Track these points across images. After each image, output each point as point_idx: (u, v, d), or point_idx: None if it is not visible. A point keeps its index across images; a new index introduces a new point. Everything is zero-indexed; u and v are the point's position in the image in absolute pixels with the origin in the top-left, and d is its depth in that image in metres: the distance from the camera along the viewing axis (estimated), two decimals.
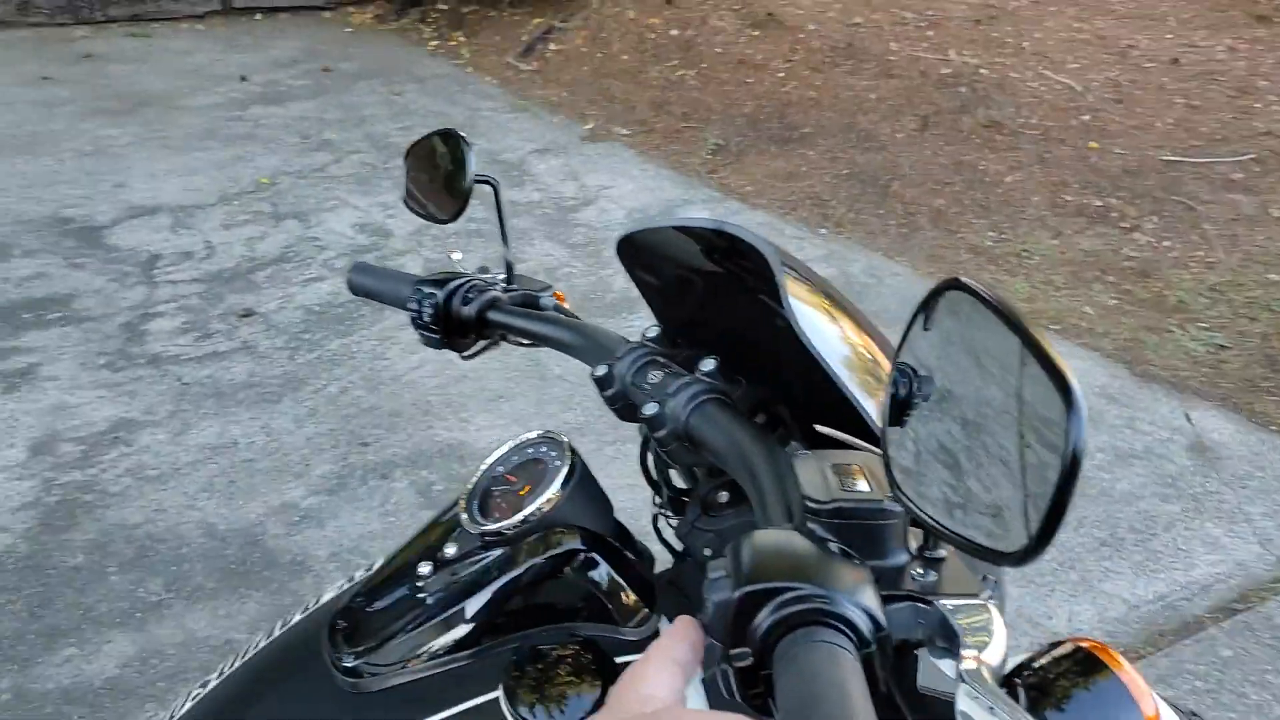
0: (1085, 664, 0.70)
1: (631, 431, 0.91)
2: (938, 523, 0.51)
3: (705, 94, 5.90)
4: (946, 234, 4.31)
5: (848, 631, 0.46)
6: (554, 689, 0.74)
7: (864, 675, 0.44)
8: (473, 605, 0.80)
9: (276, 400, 3.07)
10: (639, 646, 0.79)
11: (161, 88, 6.15)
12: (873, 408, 0.71)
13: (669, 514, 0.94)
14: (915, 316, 0.55)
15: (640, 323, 3.53)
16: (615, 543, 0.84)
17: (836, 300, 0.81)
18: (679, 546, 0.94)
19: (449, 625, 0.80)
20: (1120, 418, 3.05)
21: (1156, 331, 3.57)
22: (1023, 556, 0.46)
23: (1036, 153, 4.92)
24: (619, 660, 0.77)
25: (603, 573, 0.80)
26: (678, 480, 0.96)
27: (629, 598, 0.81)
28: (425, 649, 0.80)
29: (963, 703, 0.47)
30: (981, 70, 5.70)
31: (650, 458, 0.96)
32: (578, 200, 4.61)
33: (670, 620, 0.84)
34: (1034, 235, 4.27)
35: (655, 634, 0.81)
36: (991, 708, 0.46)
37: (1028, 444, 0.47)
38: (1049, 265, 4.05)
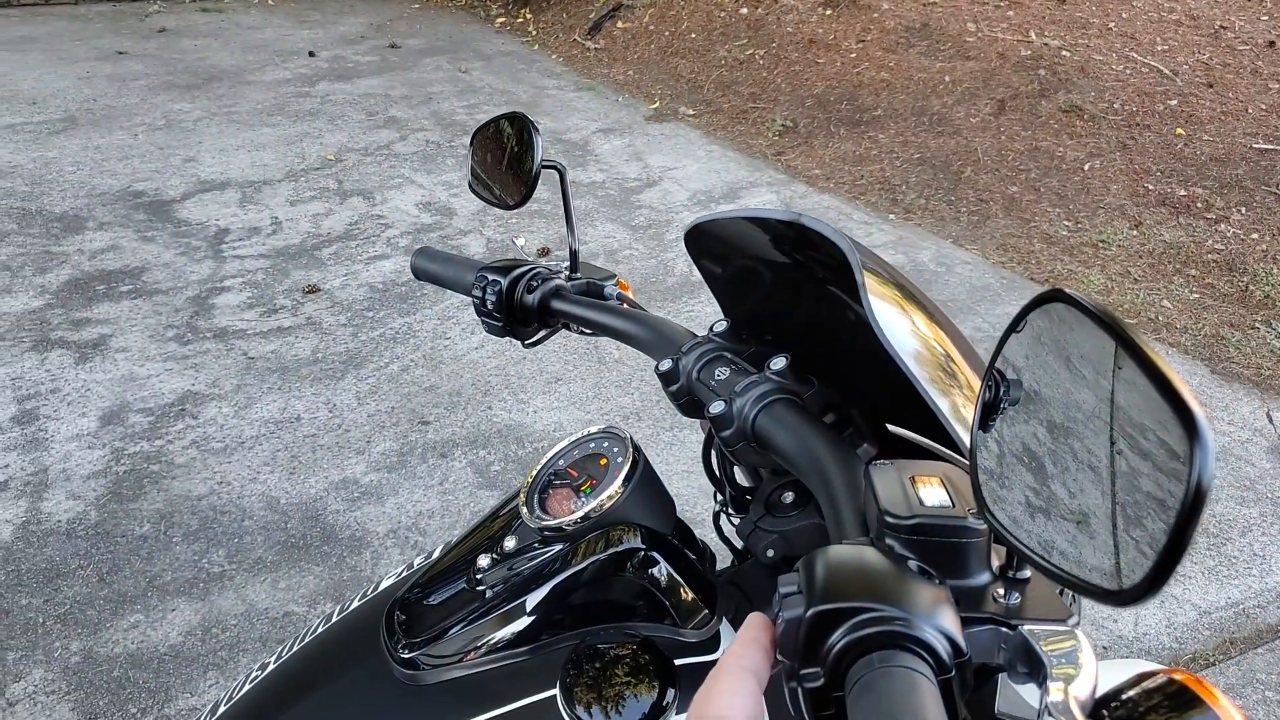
0: (1178, 698, 0.66)
1: (689, 419, 0.88)
2: (1035, 554, 0.48)
3: (774, 74, 5.80)
4: (1020, 223, 4.18)
5: (926, 656, 0.44)
6: (611, 689, 0.73)
7: (942, 702, 0.42)
8: (531, 600, 0.79)
9: (339, 377, 3.10)
10: (698, 648, 0.78)
11: (231, 63, 6.25)
12: (949, 409, 0.68)
13: (731, 512, 0.92)
14: (1011, 330, 0.52)
15: (700, 308, 3.49)
16: (676, 542, 0.83)
17: (914, 297, 0.78)
18: (739, 544, 0.93)
19: (507, 620, 0.79)
20: None
21: (1239, 328, 3.42)
22: (1134, 597, 0.43)
23: (1118, 139, 4.74)
24: (679, 662, 0.76)
25: (663, 572, 0.79)
26: (740, 478, 0.94)
27: (689, 599, 0.79)
28: (483, 643, 0.79)
29: None
30: (1063, 52, 5.51)
31: (714, 455, 0.93)
32: (641, 181, 4.57)
33: (730, 621, 0.81)
34: (1112, 225, 4.12)
35: (715, 636, 0.79)
36: None
37: (1139, 474, 0.44)
38: (1127, 257, 3.90)
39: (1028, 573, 0.53)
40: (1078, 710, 0.45)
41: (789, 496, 0.83)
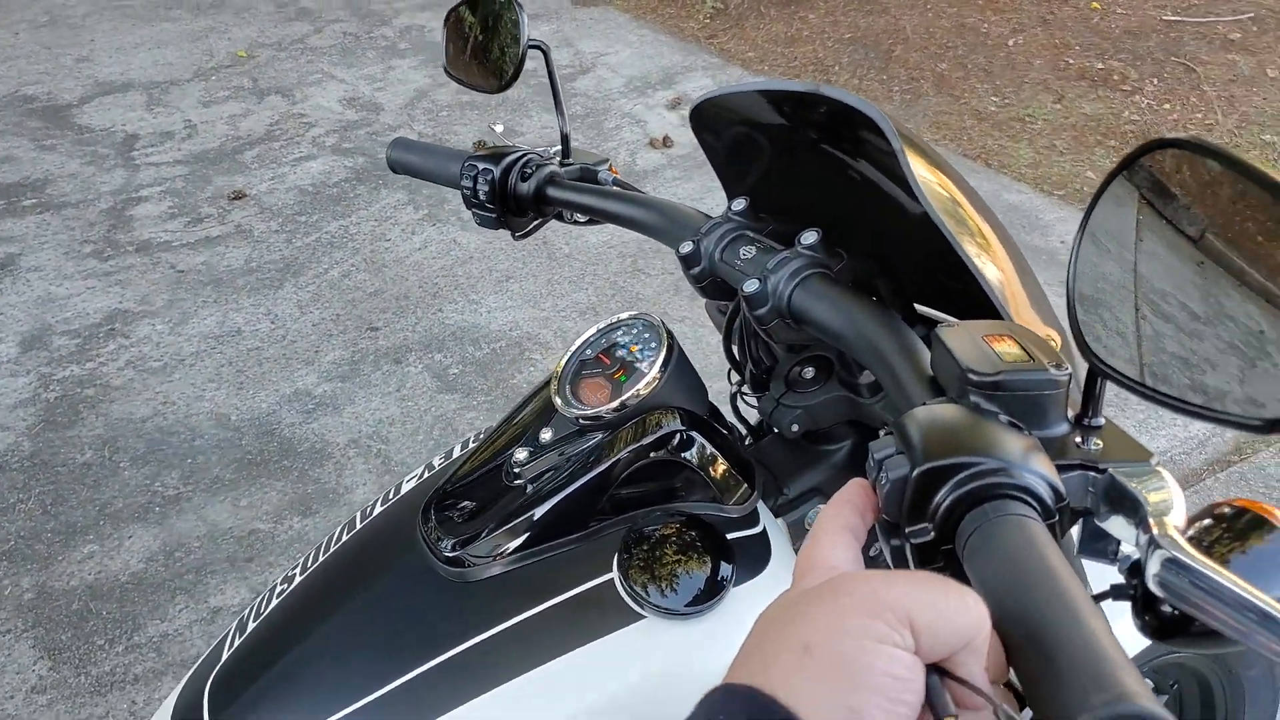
0: (1250, 522, 0.69)
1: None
2: (1164, 394, 0.51)
3: None
4: (950, 99, 4.19)
5: (1033, 503, 0.46)
6: (664, 568, 0.74)
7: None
8: (575, 490, 0.79)
9: (278, 286, 2.97)
10: (739, 524, 0.80)
11: None
12: (987, 277, 0.69)
13: (748, 392, 0.93)
14: (1112, 177, 0.53)
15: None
16: (713, 423, 0.84)
17: (939, 164, 0.77)
18: (753, 423, 0.97)
19: (551, 511, 0.79)
20: None
21: None
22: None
23: (1039, 14, 4.76)
24: (730, 536, 0.78)
25: (702, 452, 0.80)
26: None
27: (729, 476, 0.81)
28: (529, 535, 0.79)
29: (1156, 568, 0.46)
30: None
31: (734, 337, 0.93)
32: (573, 68, 4.41)
33: (762, 496, 0.84)
34: (1037, 99, 4.16)
35: (754, 511, 0.81)
36: (1192, 570, 0.44)
37: (1163, 337, 0.48)
38: (1052, 130, 3.96)
39: (1101, 420, 0.55)
40: (1181, 539, 0.46)
41: (809, 372, 0.85)
